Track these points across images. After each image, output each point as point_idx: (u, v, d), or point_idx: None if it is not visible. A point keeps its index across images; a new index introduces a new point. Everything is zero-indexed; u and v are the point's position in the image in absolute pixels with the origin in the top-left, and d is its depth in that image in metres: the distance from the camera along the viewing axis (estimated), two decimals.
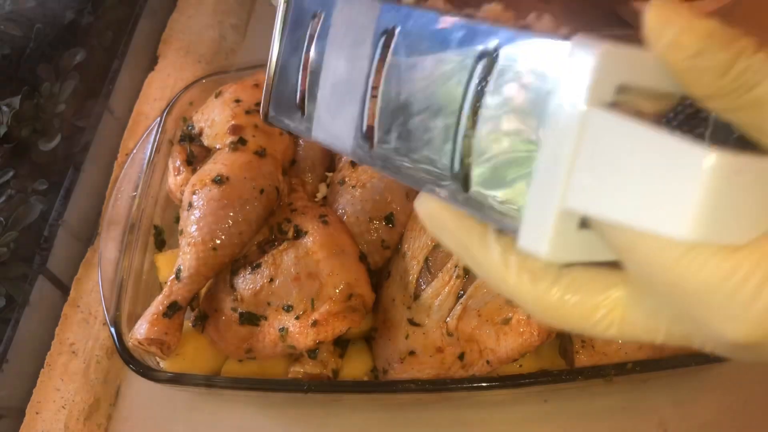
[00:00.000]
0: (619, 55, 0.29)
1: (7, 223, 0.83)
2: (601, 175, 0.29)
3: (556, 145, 0.30)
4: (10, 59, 0.93)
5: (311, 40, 0.47)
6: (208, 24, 1.15)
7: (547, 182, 0.30)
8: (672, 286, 0.28)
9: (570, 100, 0.29)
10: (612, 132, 0.28)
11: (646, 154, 0.27)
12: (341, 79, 0.44)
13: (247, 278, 0.68)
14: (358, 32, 0.43)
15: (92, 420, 0.78)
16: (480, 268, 0.35)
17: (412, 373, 0.66)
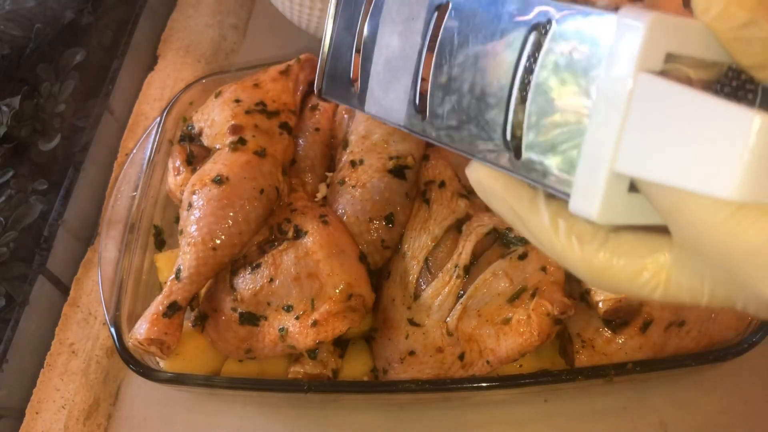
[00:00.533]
0: (667, 23, 0.29)
1: (7, 223, 0.83)
2: (650, 138, 0.29)
3: (606, 111, 0.31)
4: (10, 59, 0.93)
5: (365, 18, 0.47)
6: (208, 24, 1.15)
7: (597, 147, 0.31)
8: (717, 248, 0.28)
9: (620, 67, 0.30)
10: (661, 97, 0.29)
11: (695, 118, 0.28)
12: (394, 55, 0.45)
13: (247, 278, 0.68)
14: (411, 8, 0.43)
15: (92, 420, 0.78)
16: (529, 233, 0.36)
17: (412, 373, 0.66)
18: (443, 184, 0.71)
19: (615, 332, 0.65)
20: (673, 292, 0.31)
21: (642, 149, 0.30)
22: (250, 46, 1.14)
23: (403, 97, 0.44)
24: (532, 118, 0.35)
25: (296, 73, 0.86)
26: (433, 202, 0.70)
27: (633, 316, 0.65)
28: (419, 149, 0.74)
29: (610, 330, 0.65)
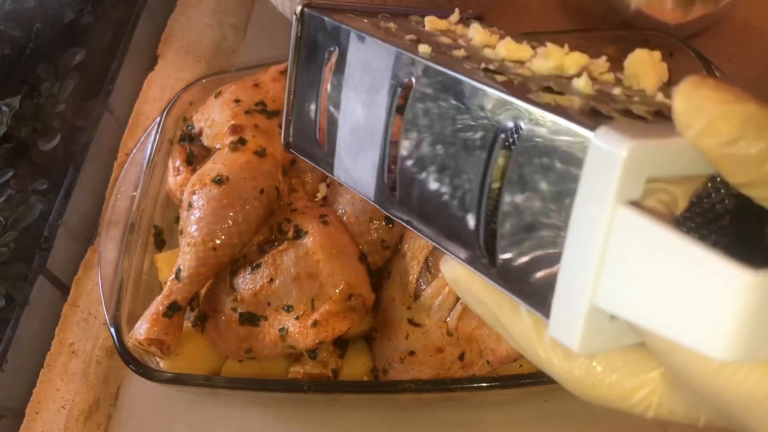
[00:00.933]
0: (647, 149, 0.27)
1: (7, 223, 0.83)
2: (630, 278, 0.27)
3: (584, 241, 0.28)
4: (10, 59, 0.93)
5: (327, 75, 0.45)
6: (208, 24, 1.15)
7: (575, 278, 0.29)
8: (712, 394, 0.27)
9: (597, 197, 0.28)
10: (640, 235, 0.27)
11: (676, 264, 0.26)
12: (359, 124, 0.43)
13: (246, 278, 0.68)
14: (374, 77, 0.41)
15: (92, 420, 0.78)
16: (512, 340, 0.34)
17: (412, 373, 0.66)
18: None
19: None
20: (667, 416, 0.30)
21: (624, 288, 0.27)
22: (251, 45, 1.14)
23: (372, 172, 0.41)
24: (504, 229, 0.32)
25: None
26: None
27: None
28: None
29: None
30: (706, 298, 0.25)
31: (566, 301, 0.29)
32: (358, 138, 0.43)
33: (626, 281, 0.27)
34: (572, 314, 0.29)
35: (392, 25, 0.45)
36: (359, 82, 0.42)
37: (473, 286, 0.35)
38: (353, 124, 0.43)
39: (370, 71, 0.41)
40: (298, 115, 0.49)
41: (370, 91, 0.41)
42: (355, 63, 0.42)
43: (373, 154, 0.41)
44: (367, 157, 0.42)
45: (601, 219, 0.27)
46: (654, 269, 0.26)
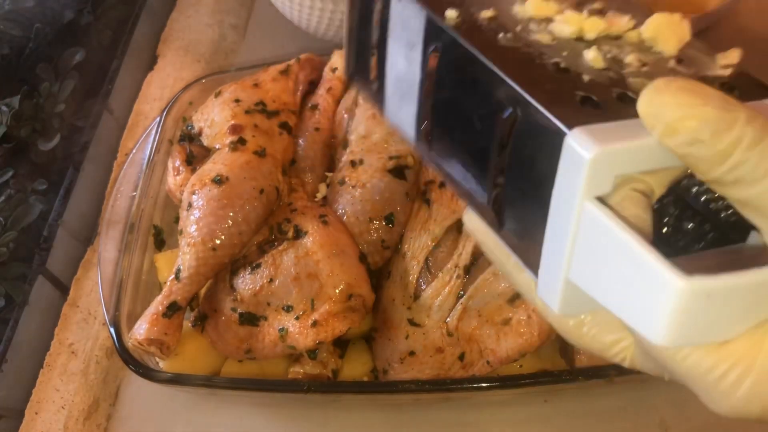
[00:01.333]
0: (615, 152, 0.30)
1: (7, 223, 0.82)
2: (593, 263, 0.32)
3: (559, 224, 0.32)
4: (10, 59, 0.93)
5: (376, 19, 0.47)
6: (207, 24, 1.15)
7: (554, 253, 0.33)
8: (662, 364, 0.31)
9: (567, 190, 0.31)
10: (600, 229, 0.30)
11: (625, 261, 0.30)
12: (401, 75, 0.46)
13: (246, 278, 0.68)
14: (410, 35, 0.44)
15: (92, 420, 0.78)
16: (516, 286, 0.39)
17: (412, 374, 0.66)
18: (443, 184, 0.71)
19: None
20: (639, 367, 0.35)
21: (588, 269, 0.32)
22: (250, 45, 1.14)
23: (412, 122, 0.45)
24: (507, 197, 0.36)
25: (296, 73, 0.86)
26: (433, 202, 0.70)
27: None
28: None
29: None
30: (648, 294, 0.29)
31: (548, 272, 0.34)
32: (401, 87, 0.46)
33: (591, 265, 0.32)
34: (552, 283, 0.34)
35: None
36: (400, 36, 0.45)
37: (487, 238, 0.39)
38: (397, 74, 0.46)
39: (408, 28, 0.44)
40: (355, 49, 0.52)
41: (407, 47, 0.44)
42: (396, 17, 0.45)
43: (412, 106, 0.45)
44: (408, 108, 0.45)
45: (571, 211, 0.31)
46: (609, 260, 0.31)
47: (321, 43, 1.02)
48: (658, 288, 0.28)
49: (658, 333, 0.29)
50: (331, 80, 0.85)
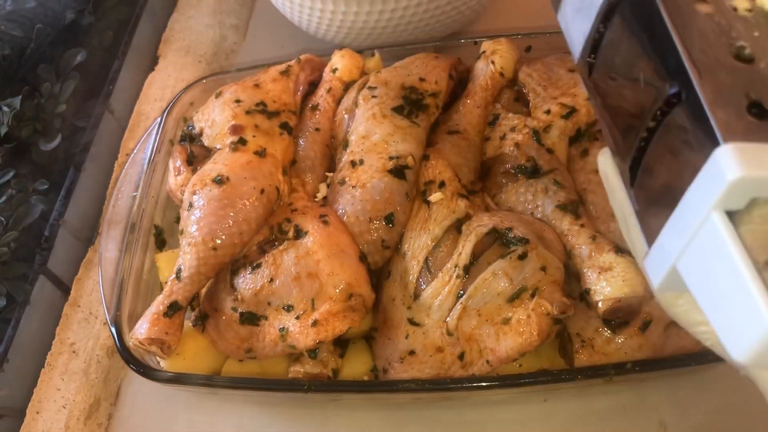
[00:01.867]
0: (758, 179, 0.31)
1: (8, 222, 0.83)
2: (702, 265, 0.34)
3: (684, 218, 0.34)
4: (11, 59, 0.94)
5: None
6: (208, 24, 1.15)
7: (672, 239, 0.35)
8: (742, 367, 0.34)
9: (703, 194, 0.33)
10: (718, 241, 0.32)
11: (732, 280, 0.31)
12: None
13: (247, 278, 0.68)
14: None
15: (93, 419, 0.78)
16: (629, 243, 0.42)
17: (412, 373, 0.66)
18: (443, 184, 0.71)
19: (614, 332, 0.65)
20: (719, 353, 0.37)
21: (697, 268, 0.34)
22: (251, 46, 1.14)
23: (580, 40, 0.46)
24: (647, 160, 0.38)
25: (296, 74, 0.86)
26: (433, 203, 0.70)
27: (632, 315, 0.65)
28: (419, 149, 0.74)
29: (609, 330, 0.65)
30: (742, 318, 0.31)
31: (659, 252, 0.37)
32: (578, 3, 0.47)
33: (699, 265, 0.34)
34: (660, 263, 0.36)
35: None
36: None
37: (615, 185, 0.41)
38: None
39: None
40: None
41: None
42: None
43: (586, 24, 0.45)
44: (582, 23, 0.46)
45: (698, 212, 0.33)
46: (717, 271, 0.32)
47: (321, 43, 1.02)
48: (753, 318, 0.30)
49: (739, 353, 0.32)
50: (332, 81, 0.85)
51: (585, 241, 0.65)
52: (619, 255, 0.63)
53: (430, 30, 0.96)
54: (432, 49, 0.90)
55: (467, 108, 0.80)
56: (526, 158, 0.72)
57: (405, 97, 0.78)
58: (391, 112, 0.77)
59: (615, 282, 0.62)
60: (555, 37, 0.89)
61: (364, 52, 0.91)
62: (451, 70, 0.83)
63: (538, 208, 0.70)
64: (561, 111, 0.75)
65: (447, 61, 0.84)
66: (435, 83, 0.81)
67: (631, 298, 0.61)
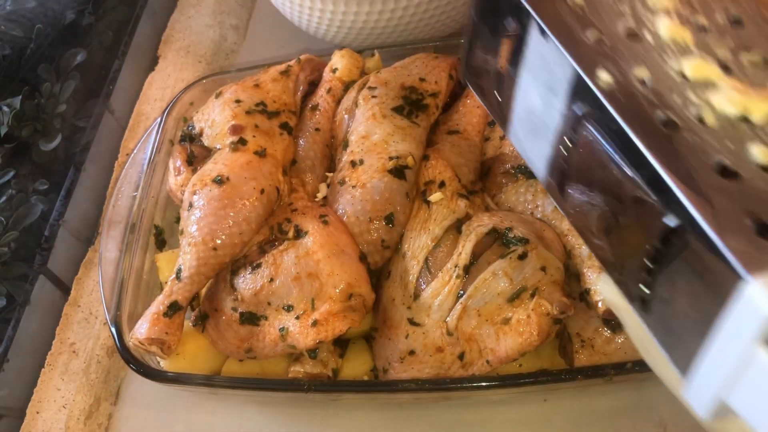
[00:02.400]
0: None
1: (8, 222, 0.83)
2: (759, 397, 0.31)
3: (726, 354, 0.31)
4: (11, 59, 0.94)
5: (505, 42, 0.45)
6: (208, 24, 1.15)
7: (715, 374, 0.33)
8: None
9: (740, 327, 0.30)
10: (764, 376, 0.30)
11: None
12: (534, 111, 0.43)
13: (247, 278, 0.68)
14: (552, 79, 0.41)
15: (93, 419, 0.78)
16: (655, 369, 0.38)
17: (412, 373, 0.66)
18: (443, 184, 0.71)
19: (614, 332, 0.65)
20: None
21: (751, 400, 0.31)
22: (251, 46, 1.15)
23: (542, 160, 0.43)
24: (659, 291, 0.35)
25: (296, 74, 0.86)
26: (433, 203, 0.70)
27: None
28: (419, 149, 0.75)
29: (609, 329, 0.65)
30: None
31: (702, 385, 0.34)
32: (532, 122, 0.44)
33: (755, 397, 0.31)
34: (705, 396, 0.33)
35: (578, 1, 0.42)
36: (537, 73, 0.42)
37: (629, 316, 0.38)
38: (529, 106, 0.44)
39: (549, 71, 0.41)
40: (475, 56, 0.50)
41: (547, 88, 0.41)
42: (534, 53, 0.42)
43: (545, 145, 0.42)
44: (539, 143, 0.43)
45: (739, 348, 0.31)
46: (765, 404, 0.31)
47: (321, 43, 1.02)
48: None
49: None
50: (332, 81, 0.85)
51: None
52: None
53: (430, 30, 0.96)
54: (432, 49, 0.90)
55: (467, 108, 0.80)
56: None
57: (405, 97, 0.78)
58: (391, 112, 0.77)
59: None
60: None
61: (364, 52, 0.91)
62: (451, 70, 0.83)
63: (538, 208, 0.70)
64: None
65: (447, 61, 0.84)
66: (435, 83, 0.81)
67: None
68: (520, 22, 0.43)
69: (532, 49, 0.42)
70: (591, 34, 0.40)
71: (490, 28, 0.47)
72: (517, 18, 0.43)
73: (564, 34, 0.40)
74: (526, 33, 0.43)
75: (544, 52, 0.41)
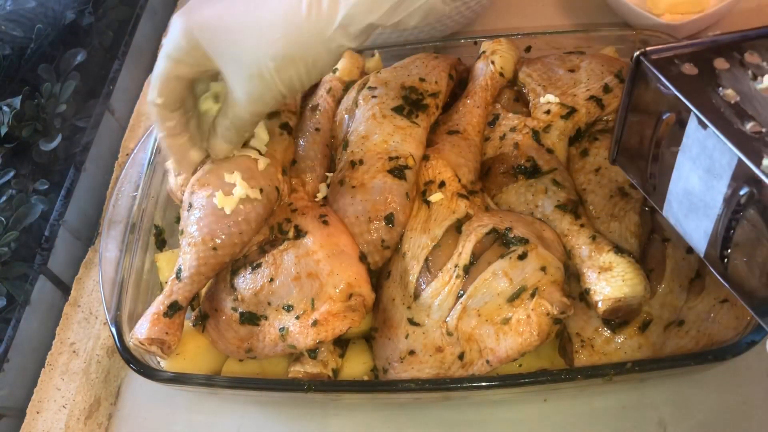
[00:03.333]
0: None
1: (8, 222, 0.83)
2: None
3: None
4: (11, 59, 0.94)
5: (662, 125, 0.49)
6: None
7: None
8: None
9: None
10: None
11: None
12: (694, 191, 0.47)
13: (247, 278, 0.68)
14: (713, 164, 0.45)
15: (93, 419, 0.78)
16: None
17: (412, 373, 0.66)
18: (443, 184, 0.71)
19: (614, 332, 0.65)
20: None
21: None
22: None
23: (703, 236, 0.47)
24: None
25: None
26: (433, 203, 0.70)
27: (632, 315, 0.65)
28: (419, 149, 0.75)
29: (609, 329, 0.65)
30: None
31: None
32: (692, 201, 0.48)
33: None
34: None
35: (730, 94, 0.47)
36: (696, 158, 0.46)
37: None
38: (687, 188, 0.48)
39: (710, 157, 0.45)
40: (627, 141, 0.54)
41: (708, 172, 0.45)
42: (693, 140, 0.46)
43: (706, 223, 0.46)
44: (699, 221, 0.47)
45: None
46: None
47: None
48: None
49: None
50: (332, 81, 0.85)
51: (585, 241, 0.66)
52: (619, 255, 0.63)
53: (430, 30, 0.96)
54: (432, 49, 0.90)
55: (467, 108, 0.80)
56: (525, 158, 0.72)
57: (405, 97, 0.78)
58: (391, 112, 0.77)
59: (615, 282, 0.62)
60: (555, 37, 0.89)
61: (364, 52, 0.91)
62: (451, 70, 0.83)
63: (538, 208, 0.70)
64: (561, 111, 0.75)
65: (447, 61, 0.84)
66: (435, 83, 0.81)
67: (631, 298, 0.61)
68: (676, 112, 0.47)
69: (691, 138, 0.46)
70: (749, 124, 0.45)
71: (645, 116, 0.52)
72: (672, 109, 0.48)
73: (722, 124, 0.44)
74: (683, 123, 0.47)
75: (705, 140, 0.45)
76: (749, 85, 0.48)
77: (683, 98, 0.46)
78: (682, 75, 0.48)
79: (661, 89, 0.48)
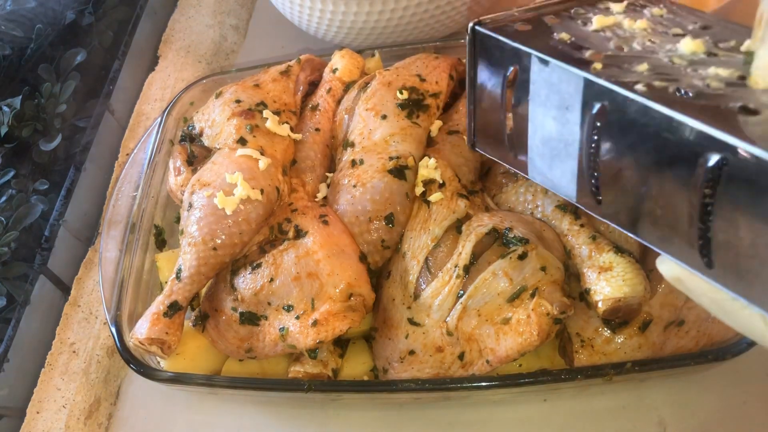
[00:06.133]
0: None
1: (8, 222, 0.83)
2: None
3: None
4: (11, 59, 0.94)
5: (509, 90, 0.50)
6: (208, 24, 1.15)
7: None
8: None
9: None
10: None
11: None
12: (552, 136, 0.48)
13: (247, 278, 0.68)
14: (563, 98, 0.45)
15: (93, 419, 0.78)
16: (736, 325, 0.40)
17: (412, 373, 0.66)
18: (443, 184, 0.71)
19: (614, 332, 0.65)
20: None
21: None
22: (251, 46, 1.15)
23: (571, 178, 0.47)
24: (718, 238, 0.37)
25: (297, 74, 0.87)
26: (433, 203, 0.70)
27: (632, 315, 0.65)
28: (419, 149, 0.75)
29: (609, 329, 0.65)
30: None
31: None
32: (552, 147, 0.48)
33: None
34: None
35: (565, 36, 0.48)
36: (547, 100, 0.47)
37: (694, 282, 0.40)
38: (545, 135, 0.48)
39: (558, 92, 0.46)
40: (481, 120, 0.55)
41: (560, 109, 0.46)
42: (539, 83, 0.47)
43: (571, 163, 0.46)
44: (563, 165, 0.47)
45: None
46: None
47: (321, 44, 1.02)
48: None
49: None
50: (332, 81, 0.85)
51: (585, 241, 0.65)
52: (619, 255, 0.63)
53: (430, 30, 0.96)
54: (432, 49, 0.90)
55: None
56: None
57: (406, 98, 0.78)
58: (392, 112, 0.77)
59: (615, 282, 0.62)
60: None
61: (364, 52, 0.91)
62: (451, 71, 0.83)
63: (538, 208, 0.70)
64: None
65: (447, 61, 0.84)
66: (435, 83, 0.81)
67: (631, 298, 0.61)
68: (519, 64, 0.48)
69: (537, 81, 0.47)
70: (588, 52, 0.46)
71: (490, 85, 0.53)
72: (514, 62, 0.49)
73: (562, 56, 0.45)
74: (527, 71, 0.47)
75: (549, 77, 0.46)
76: (581, 29, 0.49)
77: (521, 46, 0.48)
78: (517, 31, 0.50)
79: (500, 48, 0.50)
